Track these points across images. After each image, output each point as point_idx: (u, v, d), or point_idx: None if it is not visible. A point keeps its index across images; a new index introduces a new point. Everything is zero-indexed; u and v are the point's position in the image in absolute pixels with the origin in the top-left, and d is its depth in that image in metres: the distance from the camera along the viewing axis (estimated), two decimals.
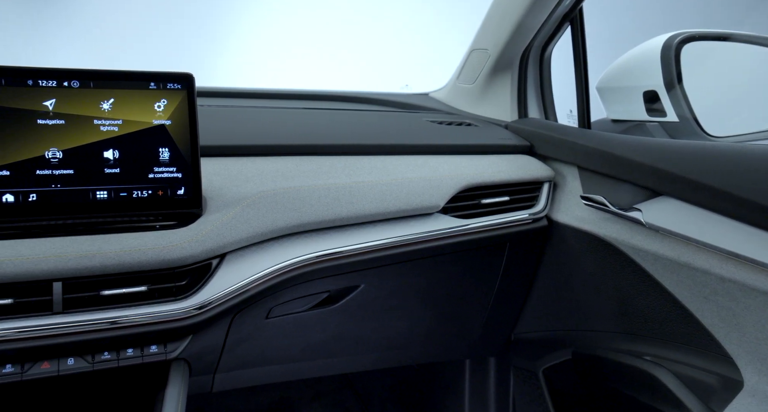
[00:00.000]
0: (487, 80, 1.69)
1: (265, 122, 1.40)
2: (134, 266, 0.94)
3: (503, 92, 1.67)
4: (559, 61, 1.61)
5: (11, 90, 0.92)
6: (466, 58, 1.74)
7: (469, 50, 1.72)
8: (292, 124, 1.41)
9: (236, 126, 1.31)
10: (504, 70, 1.65)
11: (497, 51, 1.61)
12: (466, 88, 1.77)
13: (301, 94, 1.78)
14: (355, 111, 1.70)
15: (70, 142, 0.96)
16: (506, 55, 1.61)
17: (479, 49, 1.67)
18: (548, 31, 1.54)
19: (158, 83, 1.01)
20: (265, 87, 1.75)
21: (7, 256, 0.87)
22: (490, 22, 1.60)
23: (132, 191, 1.01)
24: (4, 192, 0.93)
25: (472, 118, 1.67)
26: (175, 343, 1.01)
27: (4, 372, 0.89)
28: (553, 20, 1.50)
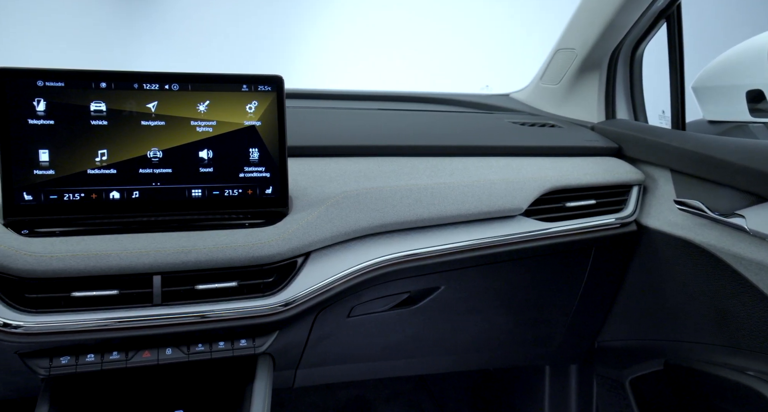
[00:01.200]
0: (573, 81, 1.64)
1: (347, 123, 1.42)
2: (226, 262, 0.97)
3: (590, 93, 1.62)
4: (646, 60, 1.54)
5: (119, 93, 0.98)
6: (550, 58, 1.70)
7: (554, 50, 1.68)
8: (374, 126, 1.43)
9: (320, 127, 1.34)
10: (591, 70, 1.60)
11: (585, 51, 1.56)
12: (550, 89, 1.73)
13: (382, 95, 1.80)
14: (435, 112, 1.70)
15: (169, 143, 1.02)
16: (594, 54, 1.56)
17: (565, 49, 1.63)
18: (641, 29, 1.48)
19: (250, 85, 1.05)
20: (346, 88, 1.78)
21: (114, 249, 0.92)
22: (579, 22, 1.56)
23: (224, 190, 1.05)
24: (111, 189, 0.99)
25: (556, 120, 1.63)
26: (262, 338, 1.04)
27: (111, 359, 0.95)
28: (647, 18, 1.44)
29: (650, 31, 1.48)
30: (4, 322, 0.87)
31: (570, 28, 1.60)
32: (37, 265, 0.88)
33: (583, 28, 1.54)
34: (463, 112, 1.74)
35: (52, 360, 0.93)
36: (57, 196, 0.96)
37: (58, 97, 0.95)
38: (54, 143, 0.95)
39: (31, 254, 0.88)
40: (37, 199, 0.95)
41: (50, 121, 0.95)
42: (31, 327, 0.88)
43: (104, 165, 0.98)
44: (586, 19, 1.54)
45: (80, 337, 0.91)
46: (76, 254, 0.90)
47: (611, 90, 1.59)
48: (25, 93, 0.93)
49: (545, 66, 1.74)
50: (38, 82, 0.94)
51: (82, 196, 0.97)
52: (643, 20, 1.45)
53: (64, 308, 0.91)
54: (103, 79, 0.97)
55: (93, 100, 0.97)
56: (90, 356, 0.95)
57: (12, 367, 0.95)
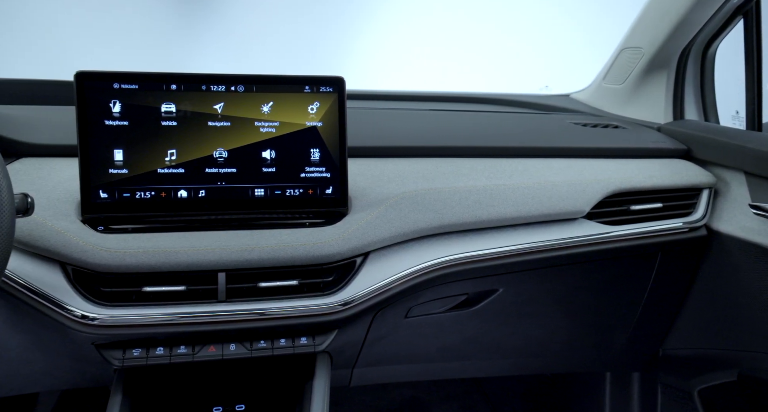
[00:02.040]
0: (639, 80, 1.59)
1: (406, 124, 1.42)
2: (287, 261, 0.99)
3: (657, 93, 1.57)
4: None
5: (188, 95, 1.01)
6: (615, 58, 1.66)
7: (620, 49, 1.63)
8: (432, 126, 1.43)
9: (379, 128, 1.35)
10: (659, 69, 1.55)
11: (653, 49, 1.51)
12: (614, 89, 1.69)
13: (440, 96, 1.79)
14: (493, 113, 1.68)
15: (234, 143, 1.04)
16: (663, 53, 1.51)
17: (631, 48, 1.58)
18: (715, 26, 1.42)
19: (312, 86, 1.06)
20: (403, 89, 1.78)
21: (182, 246, 0.96)
22: (647, 19, 1.51)
23: (285, 190, 1.07)
24: (179, 188, 1.03)
25: (620, 120, 1.58)
26: (322, 336, 1.05)
27: (178, 352, 0.99)
28: (723, 14, 1.38)
29: (725, 27, 1.42)
30: (82, 314, 0.91)
31: (637, 27, 1.56)
32: (112, 260, 0.92)
33: (652, 26, 1.49)
34: (521, 112, 1.71)
35: (125, 352, 0.98)
36: (130, 195, 1.00)
37: (132, 99, 0.99)
38: (128, 143, 1.00)
39: (107, 250, 0.93)
40: (112, 197, 0.99)
41: (125, 122, 0.99)
42: (105, 319, 0.92)
43: (173, 164, 1.02)
44: (655, 17, 1.48)
45: (150, 330, 0.95)
46: (147, 251, 0.94)
47: (680, 90, 1.54)
48: (103, 95, 0.98)
49: (609, 65, 1.70)
50: (114, 85, 0.98)
51: (152, 195, 1.01)
52: (718, 17, 1.40)
53: (136, 302, 0.95)
54: (173, 82, 1.00)
55: (164, 102, 1.00)
56: (159, 349, 0.98)
57: (88, 357, 1.00)
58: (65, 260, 0.93)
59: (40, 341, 1.02)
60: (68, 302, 0.91)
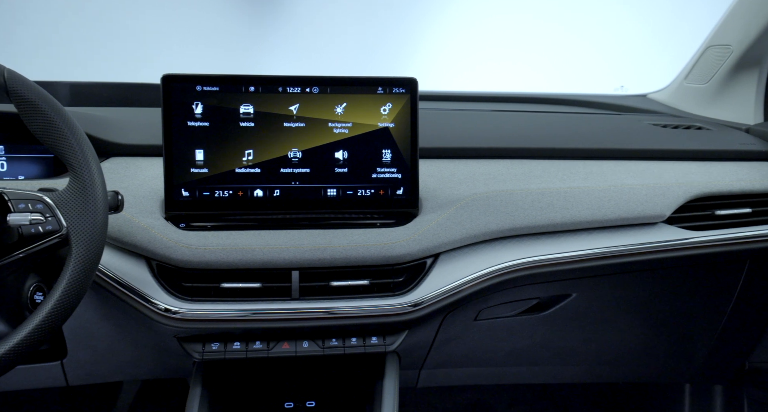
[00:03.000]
0: (726, 79, 1.51)
1: (477, 125, 1.41)
2: (358, 261, 1.00)
3: (746, 92, 1.48)
4: None
5: (266, 96, 1.04)
6: (699, 56, 1.58)
7: (705, 47, 1.55)
8: (503, 128, 1.41)
9: (449, 129, 1.34)
10: (749, 67, 1.47)
11: (743, 47, 1.43)
12: (697, 89, 1.61)
13: (512, 97, 1.76)
14: (567, 114, 1.64)
15: (308, 143, 1.06)
16: (755, 50, 1.43)
17: (719, 46, 1.50)
18: None
19: (385, 88, 1.07)
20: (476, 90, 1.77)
21: (258, 244, 0.99)
22: (737, 16, 1.44)
23: (357, 190, 1.08)
24: (256, 187, 1.06)
25: (703, 121, 1.51)
26: (392, 336, 1.06)
27: (254, 348, 1.02)
28: None
29: None
30: (166, 307, 0.95)
31: (725, 24, 1.48)
32: (193, 256, 0.96)
33: (743, 23, 1.42)
34: (596, 113, 1.66)
35: (204, 346, 1.01)
36: (209, 193, 1.04)
37: (213, 101, 1.03)
38: (208, 143, 1.03)
39: (188, 246, 0.96)
40: (193, 196, 1.03)
41: (206, 123, 1.03)
42: (186, 313, 0.96)
43: (250, 164, 1.05)
44: (746, 14, 1.41)
45: (227, 325, 0.98)
46: (225, 248, 0.97)
47: None
48: (186, 97, 1.02)
49: (692, 64, 1.62)
50: (197, 87, 1.02)
51: (230, 194, 1.05)
52: None
53: (214, 297, 0.98)
54: (252, 84, 1.03)
55: (243, 103, 1.04)
56: (236, 344, 1.02)
57: (170, 349, 1.04)
58: (150, 255, 0.97)
59: (126, 332, 1.07)
60: (153, 295, 0.96)
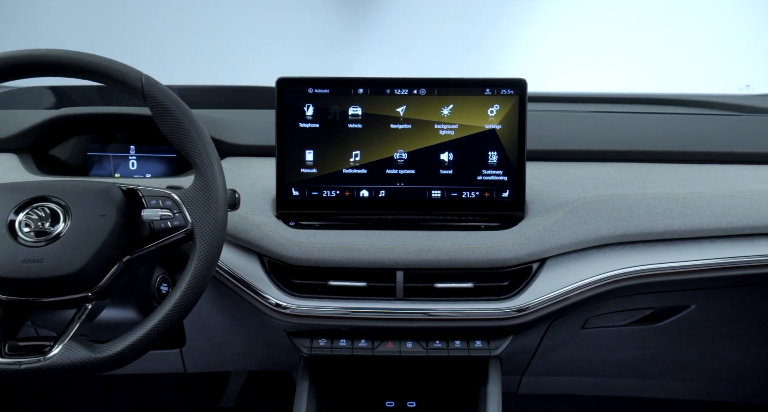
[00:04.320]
0: None
1: (585, 127, 1.35)
2: (463, 263, 1.00)
3: None
4: None
5: (374, 98, 1.06)
6: None
7: None
8: (615, 129, 1.34)
9: (556, 130, 1.30)
10: None
11: None
12: None
13: (624, 97, 1.68)
14: (685, 115, 1.54)
15: (413, 145, 1.07)
16: None
17: None
18: None
19: (493, 89, 1.06)
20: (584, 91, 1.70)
21: (364, 244, 1.00)
22: None
23: (462, 192, 1.08)
24: (362, 188, 1.08)
25: None
26: (497, 341, 1.04)
27: (359, 346, 1.04)
28: None
29: None
30: (276, 302, 0.99)
31: None
32: (302, 254, 0.99)
33: None
34: (719, 114, 1.55)
35: (312, 341, 1.05)
36: (318, 193, 1.07)
37: (323, 103, 1.06)
38: (318, 144, 1.06)
39: (297, 244, 1.00)
40: (302, 195, 1.07)
41: (316, 125, 1.06)
42: (295, 309, 1.00)
43: (357, 165, 1.07)
44: None
45: (334, 322, 1.00)
46: (333, 246, 1.00)
47: None
48: (298, 99, 1.05)
49: None
50: (309, 90, 1.05)
51: (337, 194, 1.07)
52: None
53: (321, 294, 1.01)
54: (361, 86, 1.05)
55: (351, 105, 1.06)
56: (342, 341, 1.04)
57: (279, 343, 1.08)
58: (263, 251, 1.01)
59: (239, 324, 1.13)
60: (265, 290, 1.00)
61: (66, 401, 1.67)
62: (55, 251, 0.75)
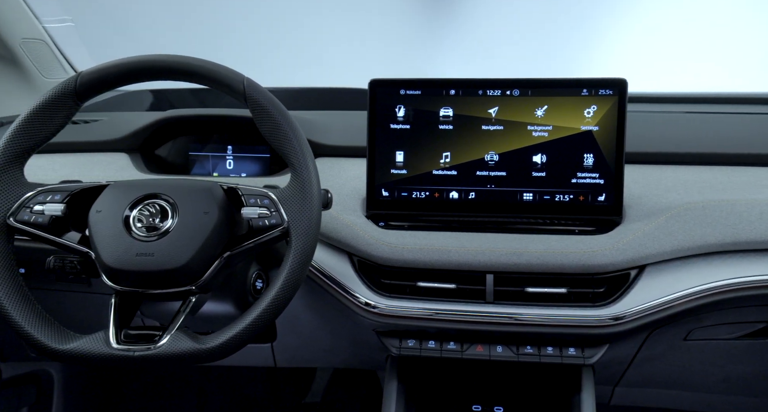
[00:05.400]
0: None
1: (689, 128, 1.28)
2: (556, 268, 0.97)
3: None
4: None
5: (465, 99, 1.05)
6: None
7: None
8: (721, 131, 1.26)
9: (654, 132, 1.24)
10: None
11: None
12: None
13: (727, 97, 1.57)
14: None
15: (505, 147, 1.05)
16: None
17: None
18: None
19: (590, 90, 1.02)
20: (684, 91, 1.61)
21: (453, 246, 1.00)
22: None
23: (555, 195, 1.05)
24: (451, 189, 1.07)
25: None
26: (592, 349, 1.01)
27: (448, 348, 1.03)
28: None
29: None
30: (366, 301, 1.00)
31: None
32: (392, 254, 1.00)
33: None
34: None
35: (401, 341, 1.05)
36: (407, 194, 1.08)
37: (414, 104, 1.06)
38: (408, 146, 1.07)
39: (387, 244, 1.00)
40: (392, 196, 1.08)
41: (407, 126, 1.07)
42: (384, 308, 1.00)
43: (447, 167, 1.06)
44: None
45: (422, 323, 1.00)
46: (422, 248, 1.00)
47: None
48: (390, 101, 1.06)
49: None
50: (401, 91, 1.06)
51: (426, 195, 1.07)
52: None
53: (410, 295, 1.01)
54: (453, 87, 1.05)
55: (443, 106, 1.05)
56: (431, 342, 1.04)
57: (366, 342, 1.10)
58: (353, 251, 1.03)
59: (327, 322, 1.15)
60: (355, 289, 1.01)
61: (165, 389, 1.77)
62: (164, 246, 0.80)
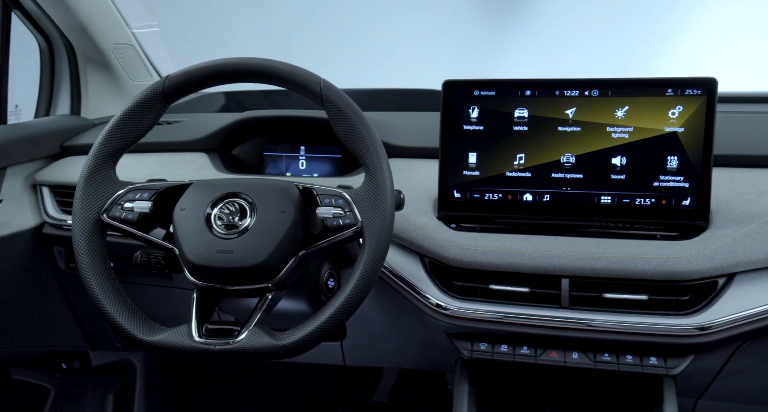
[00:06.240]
0: None
1: None
2: (636, 274, 0.93)
3: None
4: None
5: (541, 100, 1.03)
6: None
7: None
8: None
9: (744, 133, 1.17)
10: None
11: None
12: None
13: None
14: None
15: (582, 148, 1.02)
16: None
17: None
18: None
19: (676, 89, 0.98)
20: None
21: (527, 249, 0.98)
22: None
23: (635, 198, 1.01)
24: (525, 192, 1.05)
25: None
26: (675, 360, 0.96)
27: (521, 353, 1.01)
28: None
29: None
30: (437, 303, 1.00)
31: None
32: (464, 256, 0.99)
33: None
34: None
35: (473, 344, 1.04)
36: (479, 196, 1.06)
37: (488, 105, 1.05)
38: (481, 147, 1.06)
39: (459, 246, 1.00)
40: (464, 197, 1.07)
41: (480, 127, 1.05)
42: (455, 311, 0.99)
43: (521, 168, 1.05)
44: None
45: (494, 327, 0.99)
46: (495, 250, 0.98)
47: None
48: (464, 102, 1.05)
49: None
50: (475, 92, 1.05)
51: (499, 197, 1.06)
52: None
53: (481, 297, 1.00)
54: (528, 88, 1.03)
55: (517, 107, 1.04)
56: (503, 346, 1.02)
57: (436, 344, 1.09)
58: (424, 252, 1.02)
59: (397, 322, 1.15)
60: (426, 290, 1.01)
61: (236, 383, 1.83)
62: (243, 244, 0.82)
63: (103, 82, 1.53)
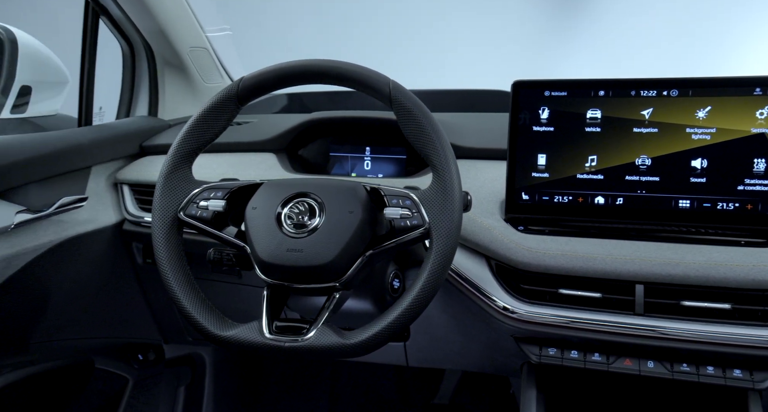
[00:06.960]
0: None
1: None
2: (718, 281, 0.89)
3: None
4: None
5: (615, 101, 0.99)
6: None
7: None
8: None
9: None
10: None
11: None
12: None
13: None
14: None
15: (659, 150, 0.98)
16: None
17: None
18: None
19: (765, 88, 0.93)
20: None
21: (599, 253, 0.95)
22: None
23: (716, 203, 0.96)
24: (597, 194, 1.02)
25: None
26: (763, 373, 0.91)
27: (593, 360, 0.98)
28: None
29: None
30: (504, 306, 0.98)
31: None
32: (532, 259, 0.97)
33: None
34: None
35: (541, 349, 1.01)
36: (548, 198, 1.04)
37: (559, 106, 1.02)
38: (551, 148, 1.03)
39: (527, 249, 0.97)
40: (532, 200, 1.04)
41: (550, 128, 1.03)
42: (523, 314, 0.97)
43: (592, 170, 1.01)
44: None
45: (564, 332, 0.96)
46: (565, 254, 0.96)
47: None
48: (534, 102, 1.03)
49: None
50: (545, 93, 1.02)
51: (569, 199, 1.03)
52: None
53: (550, 302, 0.97)
54: (602, 88, 1.00)
55: (590, 108, 1.01)
56: (574, 352, 0.99)
57: (501, 347, 1.07)
58: (491, 254, 1.01)
59: (461, 325, 1.14)
60: (493, 293, 0.99)
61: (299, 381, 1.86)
62: (312, 243, 0.83)
63: (178, 84, 1.59)
